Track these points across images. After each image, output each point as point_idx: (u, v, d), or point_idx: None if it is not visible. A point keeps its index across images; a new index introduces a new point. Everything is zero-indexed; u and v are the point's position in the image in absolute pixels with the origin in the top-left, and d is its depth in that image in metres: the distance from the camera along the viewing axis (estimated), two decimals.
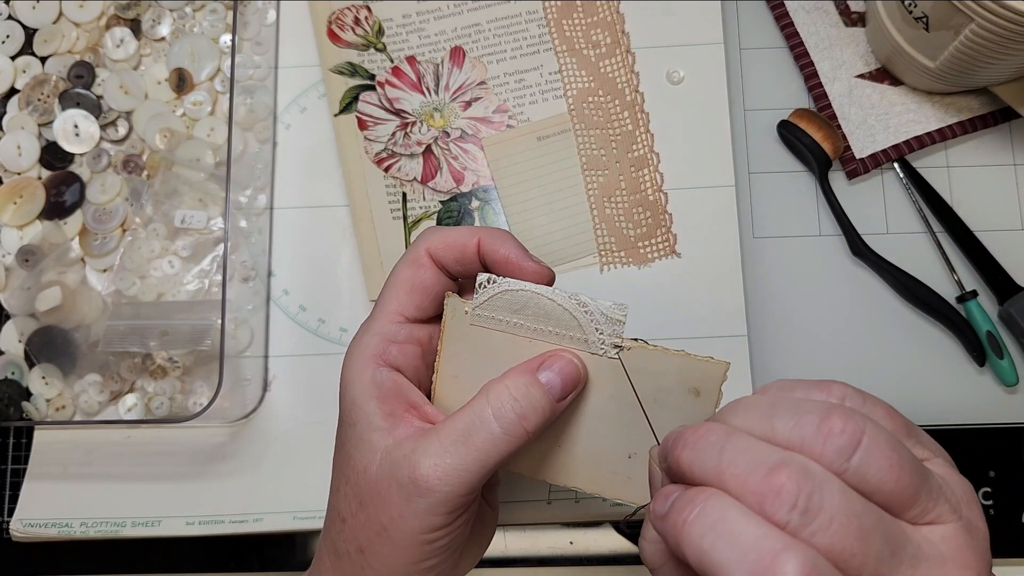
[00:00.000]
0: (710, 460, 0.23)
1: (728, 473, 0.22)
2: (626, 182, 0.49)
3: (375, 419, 0.30)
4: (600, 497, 0.33)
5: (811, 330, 0.48)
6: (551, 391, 0.30)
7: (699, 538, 0.22)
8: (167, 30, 0.52)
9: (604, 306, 0.30)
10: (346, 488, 0.31)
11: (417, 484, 0.29)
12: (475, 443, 0.29)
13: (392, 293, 0.32)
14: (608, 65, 0.50)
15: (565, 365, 0.30)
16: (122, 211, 0.49)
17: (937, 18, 0.43)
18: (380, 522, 0.30)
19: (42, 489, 0.47)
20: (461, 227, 0.33)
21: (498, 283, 0.30)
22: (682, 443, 0.24)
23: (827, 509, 0.21)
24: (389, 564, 0.30)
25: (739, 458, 0.22)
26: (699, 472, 0.23)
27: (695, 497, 0.22)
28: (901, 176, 0.50)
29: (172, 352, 0.48)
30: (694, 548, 0.22)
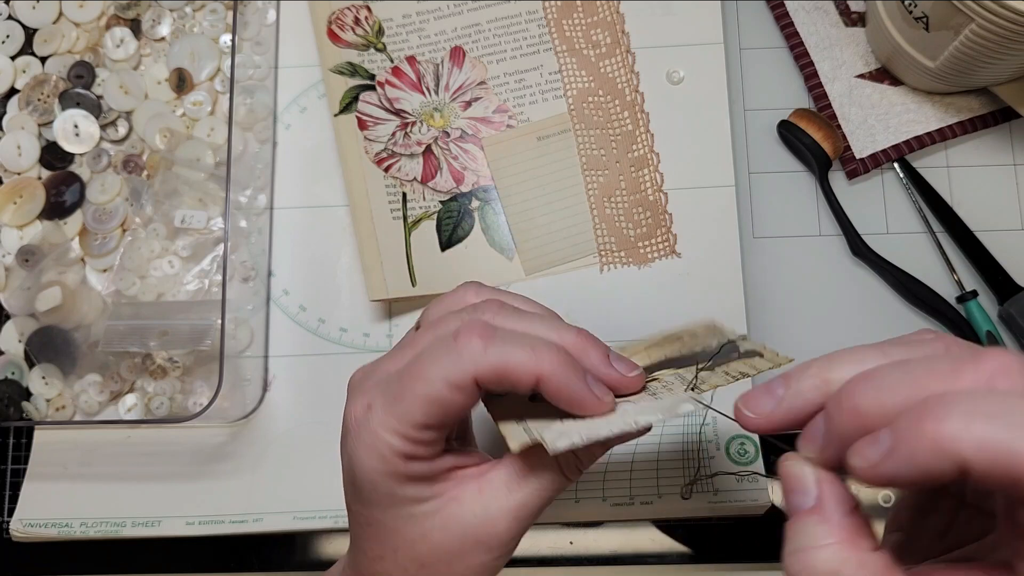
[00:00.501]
0: (902, 383, 0.20)
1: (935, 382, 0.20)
2: (626, 182, 0.49)
3: (421, 495, 0.30)
4: None
5: (811, 330, 0.48)
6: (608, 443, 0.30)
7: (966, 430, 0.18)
8: (167, 30, 0.52)
9: (684, 409, 0.29)
10: (396, 555, 0.31)
11: (500, 538, 0.30)
12: (542, 485, 0.30)
13: (421, 405, 0.28)
14: (608, 65, 0.50)
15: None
16: (122, 211, 0.49)
17: (937, 18, 0.43)
18: (452, 572, 0.30)
19: (42, 489, 0.47)
20: (519, 351, 0.28)
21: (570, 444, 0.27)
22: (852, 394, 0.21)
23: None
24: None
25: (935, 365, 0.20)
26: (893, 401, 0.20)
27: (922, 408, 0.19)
28: (901, 176, 0.50)
29: (172, 352, 0.48)
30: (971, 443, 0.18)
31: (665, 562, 0.46)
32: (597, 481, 0.46)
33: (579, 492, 0.45)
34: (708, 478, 0.34)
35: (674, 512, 0.45)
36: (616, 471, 0.46)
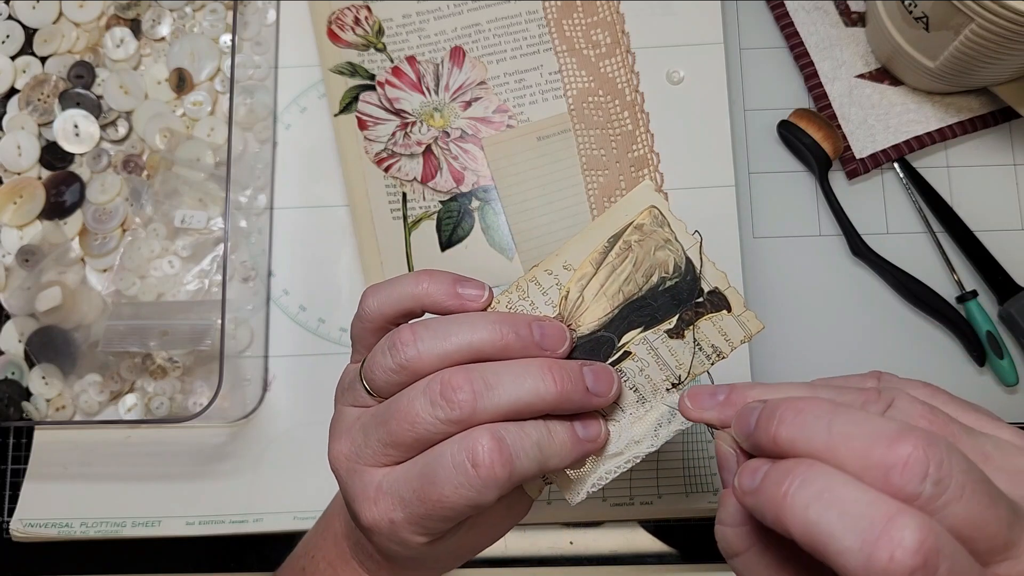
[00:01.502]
0: (818, 433, 0.21)
1: (843, 446, 0.21)
2: (626, 182, 0.49)
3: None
4: None
5: (811, 330, 0.48)
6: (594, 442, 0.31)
7: (804, 508, 0.20)
8: (167, 30, 0.52)
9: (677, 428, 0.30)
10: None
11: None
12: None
13: (443, 519, 0.28)
14: (608, 65, 0.50)
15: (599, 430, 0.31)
16: (122, 211, 0.49)
17: (937, 18, 0.43)
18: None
19: (42, 489, 0.47)
20: (529, 458, 0.28)
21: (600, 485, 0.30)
22: (779, 418, 0.23)
23: (957, 478, 0.20)
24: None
25: (855, 429, 0.21)
26: (803, 446, 0.22)
27: (794, 468, 0.21)
28: (901, 176, 0.50)
29: (172, 352, 0.48)
30: (799, 519, 0.20)
31: (664, 562, 0.46)
32: None
33: None
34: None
35: (674, 512, 0.45)
36: None
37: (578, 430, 0.29)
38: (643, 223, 0.32)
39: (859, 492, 0.20)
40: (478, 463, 0.26)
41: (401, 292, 0.30)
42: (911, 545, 0.19)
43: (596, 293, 0.31)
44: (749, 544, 0.24)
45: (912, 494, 0.20)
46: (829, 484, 0.20)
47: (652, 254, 0.31)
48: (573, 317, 0.31)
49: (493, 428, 0.27)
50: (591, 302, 0.31)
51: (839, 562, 0.19)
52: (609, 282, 0.31)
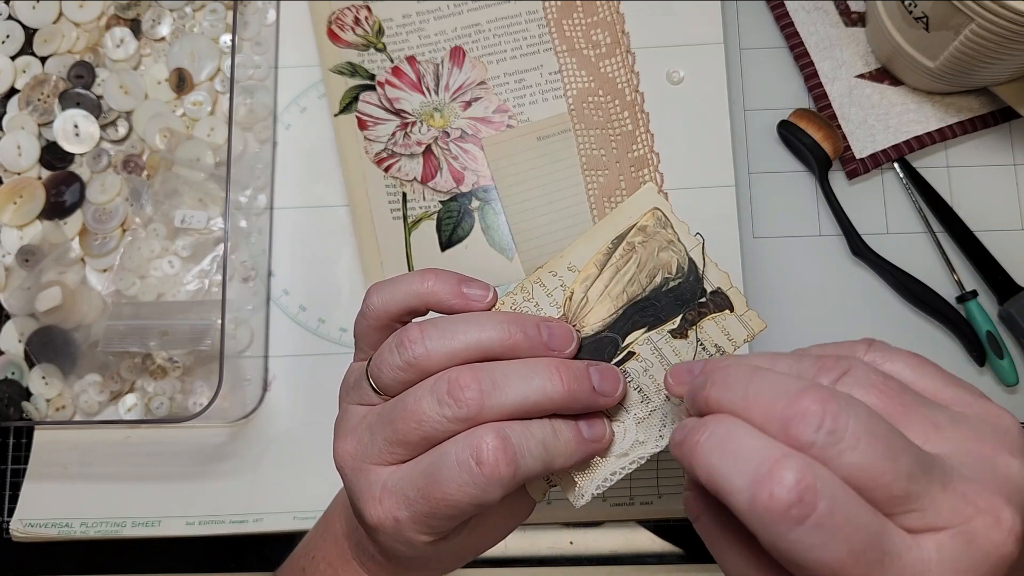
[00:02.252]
0: (737, 392, 0.24)
1: (754, 402, 0.23)
2: (626, 182, 0.49)
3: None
4: None
5: (811, 330, 0.48)
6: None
7: (707, 454, 0.23)
8: (167, 30, 0.52)
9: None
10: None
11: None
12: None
13: (448, 518, 0.28)
14: (608, 65, 0.50)
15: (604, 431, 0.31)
16: (122, 211, 0.49)
17: (937, 18, 0.43)
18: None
19: (42, 489, 0.47)
20: (534, 457, 0.28)
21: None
22: (710, 381, 0.25)
23: (852, 429, 0.21)
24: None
25: (765, 388, 0.23)
26: (727, 404, 0.24)
27: (707, 421, 0.24)
28: (901, 176, 0.50)
29: (172, 352, 0.48)
30: (703, 464, 0.23)
31: (664, 562, 0.46)
32: None
33: None
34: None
35: (674, 512, 0.45)
36: None
37: (583, 430, 0.29)
38: (646, 224, 0.32)
39: (754, 440, 0.22)
40: (482, 461, 0.27)
41: (406, 290, 0.30)
42: (789, 483, 0.21)
43: (600, 294, 0.31)
44: (703, 508, 0.26)
45: (807, 442, 0.21)
46: (731, 433, 0.23)
47: (655, 255, 0.31)
48: (577, 318, 0.31)
49: (498, 427, 0.27)
50: (595, 303, 0.31)
51: (732, 501, 0.22)
52: (613, 283, 0.31)
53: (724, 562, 0.27)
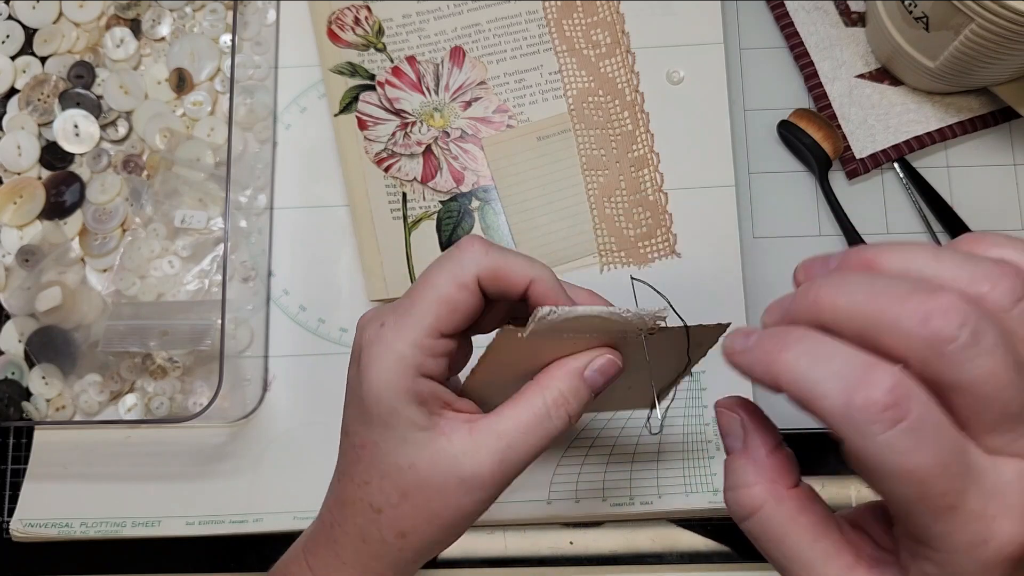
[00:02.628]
0: (860, 289, 0.23)
1: (885, 296, 0.22)
2: (626, 182, 0.49)
3: (419, 420, 0.31)
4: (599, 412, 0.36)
5: None
6: (594, 386, 0.32)
7: (795, 360, 0.23)
8: (167, 30, 0.52)
9: (647, 314, 0.32)
10: (382, 482, 0.32)
11: (483, 480, 0.31)
12: (534, 441, 0.31)
13: (432, 309, 0.31)
14: (608, 65, 0.50)
15: (607, 364, 0.32)
16: (122, 211, 0.49)
17: (937, 18, 0.43)
18: (433, 511, 0.32)
19: (42, 489, 0.47)
20: (513, 258, 0.32)
21: (559, 312, 0.30)
22: (821, 279, 0.24)
23: (993, 336, 0.21)
24: (430, 543, 0.33)
25: (895, 287, 0.22)
26: (845, 302, 0.23)
27: (788, 330, 0.24)
28: (901, 176, 0.50)
29: (172, 352, 0.48)
30: (789, 370, 0.23)
31: (664, 562, 0.46)
32: (597, 481, 0.46)
33: (579, 492, 0.45)
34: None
35: (674, 512, 0.45)
36: (616, 471, 0.46)
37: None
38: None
39: (844, 349, 0.22)
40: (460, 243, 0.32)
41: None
42: (886, 386, 0.21)
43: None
44: (763, 499, 0.26)
45: (949, 336, 0.21)
46: (818, 342, 0.23)
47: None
48: None
49: None
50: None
51: (821, 406, 0.22)
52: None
53: (788, 557, 0.26)
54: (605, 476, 0.46)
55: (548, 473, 0.46)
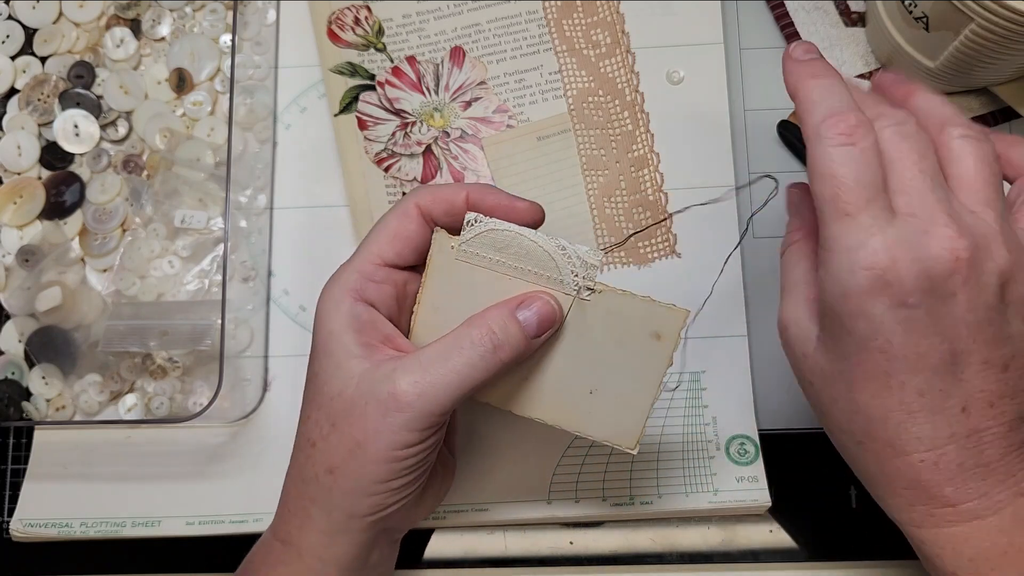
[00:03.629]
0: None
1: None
2: (626, 182, 0.49)
3: (353, 348, 0.33)
4: (561, 429, 0.35)
5: None
6: (527, 328, 0.33)
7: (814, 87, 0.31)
8: (167, 30, 0.52)
9: (582, 251, 0.33)
10: (317, 414, 0.33)
11: (397, 399, 0.31)
12: (453, 365, 0.32)
13: (374, 238, 0.35)
14: (608, 65, 0.50)
15: (542, 306, 0.33)
16: (122, 211, 0.49)
17: (937, 18, 0.43)
18: (354, 439, 0.32)
19: (42, 489, 0.47)
20: (450, 183, 0.36)
21: (485, 222, 0.32)
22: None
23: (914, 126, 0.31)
24: (358, 482, 0.32)
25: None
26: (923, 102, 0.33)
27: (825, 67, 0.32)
28: None
29: (172, 352, 0.48)
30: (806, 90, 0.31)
31: (664, 562, 0.46)
32: (597, 481, 0.46)
33: (579, 492, 0.45)
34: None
35: (674, 512, 0.45)
36: (616, 471, 0.46)
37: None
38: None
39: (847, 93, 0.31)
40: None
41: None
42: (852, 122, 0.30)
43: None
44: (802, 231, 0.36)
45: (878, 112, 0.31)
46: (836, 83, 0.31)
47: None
48: None
49: None
50: None
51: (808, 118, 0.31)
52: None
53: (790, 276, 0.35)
54: (605, 476, 0.46)
55: (548, 473, 0.46)
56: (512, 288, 0.33)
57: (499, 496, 0.46)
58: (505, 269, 0.33)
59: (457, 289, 0.34)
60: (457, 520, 0.46)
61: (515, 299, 0.33)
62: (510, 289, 0.33)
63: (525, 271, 0.33)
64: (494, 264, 0.33)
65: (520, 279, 0.33)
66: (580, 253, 0.32)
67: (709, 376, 0.47)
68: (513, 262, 0.33)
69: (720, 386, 0.47)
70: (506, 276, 0.33)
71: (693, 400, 0.46)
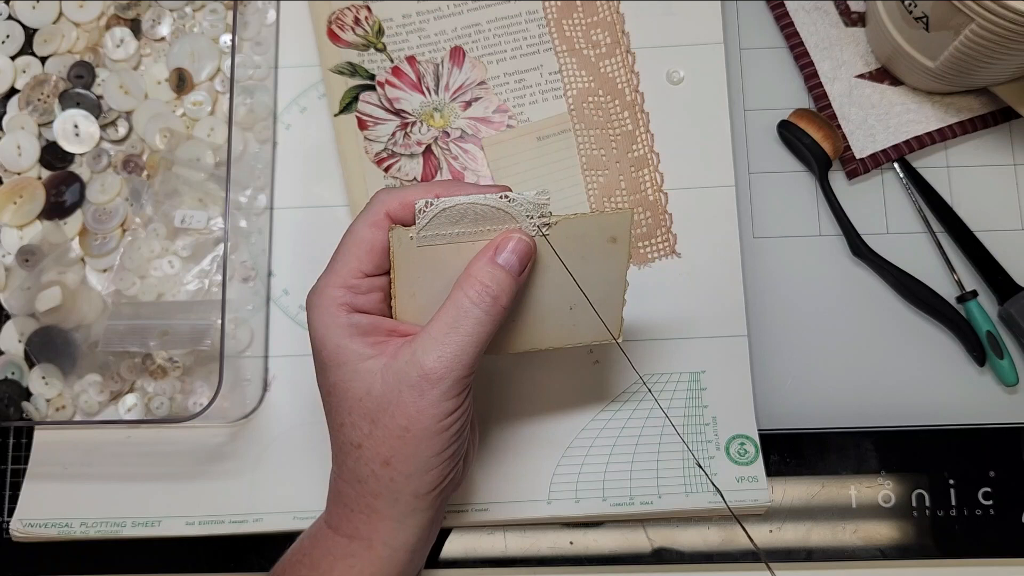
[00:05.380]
0: None
1: None
2: (626, 182, 0.49)
3: (363, 350, 0.34)
4: (555, 349, 0.38)
5: (811, 330, 0.48)
6: (511, 269, 0.34)
7: None
8: (167, 30, 0.52)
9: (529, 196, 0.34)
10: (351, 418, 0.34)
11: (428, 377, 0.33)
12: (465, 329, 0.33)
13: (352, 251, 0.35)
14: (608, 65, 0.50)
15: (517, 244, 0.34)
16: (122, 211, 0.49)
17: (937, 18, 0.43)
18: (400, 425, 0.33)
19: (42, 489, 0.47)
20: (416, 185, 0.35)
21: (435, 204, 0.34)
22: None
23: None
24: (416, 462, 0.34)
25: None
26: None
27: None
28: (901, 176, 0.50)
29: (172, 352, 0.48)
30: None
31: (664, 562, 0.46)
32: (597, 481, 0.46)
33: (579, 492, 0.45)
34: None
35: (674, 512, 0.45)
36: (616, 471, 0.46)
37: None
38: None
39: None
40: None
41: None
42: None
43: None
44: None
45: None
46: None
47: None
48: None
49: None
50: None
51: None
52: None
53: None
54: (605, 476, 0.46)
55: (548, 473, 0.46)
56: (479, 249, 0.35)
57: (499, 496, 0.46)
58: (466, 237, 0.35)
59: (428, 271, 0.35)
60: (457, 520, 0.46)
61: (488, 248, 0.35)
62: (478, 251, 0.35)
63: (486, 231, 0.35)
64: (455, 237, 0.35)
65: (484, 240, 0.35)
66: (528, 198, 0.34)
67: (709, 376, 0.47)
68: (472, 228, 0.35)
69: (720, 386, 0.47)
70: (470, 243, 0.35)
71: (693, 400, 0.46)
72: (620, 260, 0.37)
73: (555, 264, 0.36)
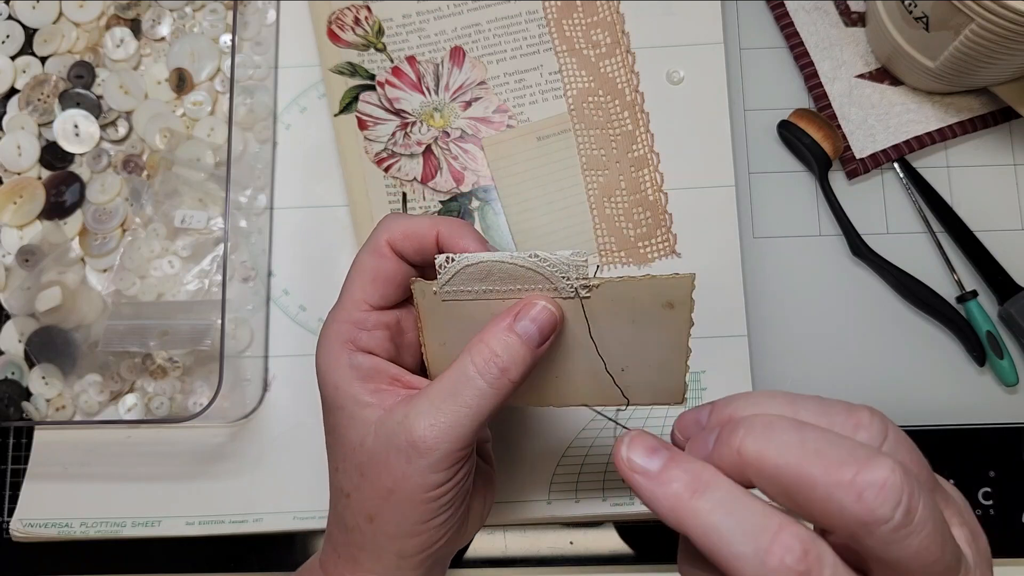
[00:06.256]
0: (791, 445, 0.22)
1: (819, 460, 0.21)
2: (626, 182, 0.49)
3: (362, 397, 0.32)
4: (607, 407, 0.35)
5: (811, 330, 0.48)
6: (529, 339, 0.31)
7: (709, 511, 0.22)
8: (167, 30, 0.52)
9: (563, 256, 0.31)
10: (344, 464, 0.33)
11: (416, 446, 0.30)
12: (464, 399, 0.30)
13: (356, 281, 0.34)
14: (608, 65, 0.50)
15: (539, 312, 0.31)
16: (122, 211, 0.49)
17: (937, 18, 0.43)
18: (385, 487, 0.31)
19: (42, 489, 0.47)
20: (421, 217, 0.34)
21: (457, 260, 0.31)
22: (746, 426, 0.23)
23: (922, 513, 0.20)
24: (399, 526, 0.31)
25: (829, 448, 0.21)
26: (774, 457, 0.22)
27: (701, 470, 0.23)
28: (901, 176, 0.50)
29: (172, 352, 0.48)
30: (700, 521, 0.22)
31: (664, 561, 0.46)
32: (597, 481, 0.46)
33: (579, 492, 0.45)
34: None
35: None
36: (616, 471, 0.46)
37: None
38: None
39: (757, 505, 0.22)
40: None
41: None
42: (798, 553, 0.21)
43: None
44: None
45: (882, 517, 0.20)
46: (733, 494, 0.22)
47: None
48: None
49: None
50: None
51: (735, 565, 0.21)
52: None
53: None
54: (605, 476, 0.46)
55: (548, 473, 0.46)
56: (508, 306, 0.32)
57: (499, 496, 0.46)
58: (496, 295, 0.32)
59: (456, 323, 0.33)
60: None
61: (509, 312, 0.31)
62: (507, 307, 0.32)
63: (516, 291, 0.32)
64: (482, 294, 0.32)
65: (514, 298, 0.32)
66: (562, 258, 0.31)
67: (709, 376, 0.47)
68: (501, 286, 0.32)
69: (720, 386, 0.47)
70: (500, 300, 0.32)
71: (693, 400, 0.46)
72: (679, 327, 0.32)
73: (601, 326, 0.32)
